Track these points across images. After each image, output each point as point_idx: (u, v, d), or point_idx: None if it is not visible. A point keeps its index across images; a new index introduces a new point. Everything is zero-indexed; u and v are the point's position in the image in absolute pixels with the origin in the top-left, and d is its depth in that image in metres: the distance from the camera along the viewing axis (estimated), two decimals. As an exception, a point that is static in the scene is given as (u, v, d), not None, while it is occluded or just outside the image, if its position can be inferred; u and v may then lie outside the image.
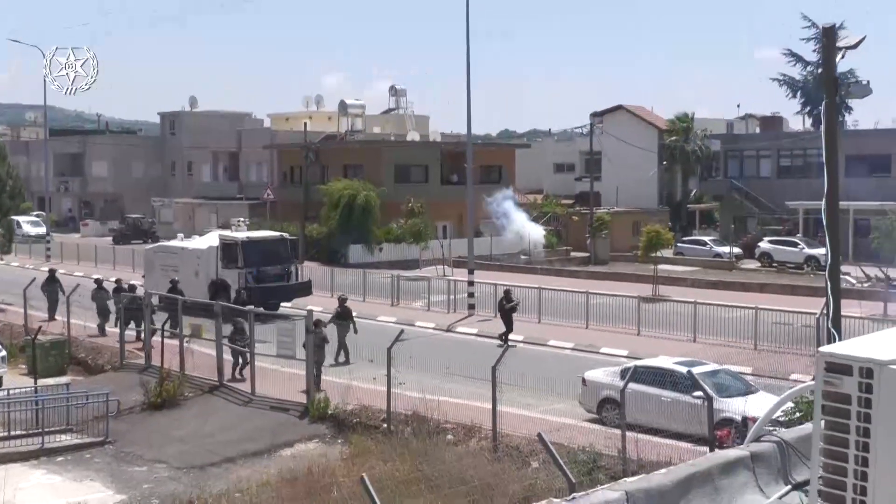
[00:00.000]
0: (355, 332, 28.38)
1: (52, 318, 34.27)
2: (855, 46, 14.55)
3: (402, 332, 23.44)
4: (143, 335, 29.58)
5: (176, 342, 27.34)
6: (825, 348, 4.50)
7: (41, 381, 26.75)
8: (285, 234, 40.38)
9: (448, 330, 34.30)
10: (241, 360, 26.17)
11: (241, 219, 41.97)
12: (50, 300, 35.07)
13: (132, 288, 34.21)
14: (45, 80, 58.56)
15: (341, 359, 27.70)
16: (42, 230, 65.29)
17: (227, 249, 36.47)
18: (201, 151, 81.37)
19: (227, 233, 38.51)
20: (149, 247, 44.30)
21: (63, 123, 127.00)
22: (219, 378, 25.91)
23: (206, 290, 35.45)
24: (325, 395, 23.13)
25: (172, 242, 41.75)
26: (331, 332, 27.14)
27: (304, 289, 37.20)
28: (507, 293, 31.82)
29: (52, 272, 37.31)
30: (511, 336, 30.80)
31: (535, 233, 59.05)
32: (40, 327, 29.60)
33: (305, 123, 68.67)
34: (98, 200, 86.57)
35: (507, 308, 31.12)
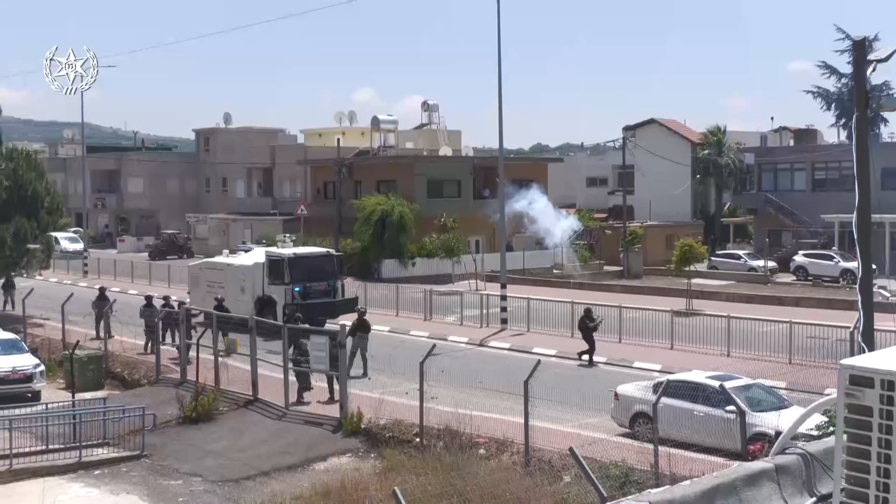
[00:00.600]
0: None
1: (98, 335, 34.43)
2: (886, 59, 14.53)
3: (434, 346, 23.51)
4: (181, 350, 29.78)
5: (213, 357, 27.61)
6: (847, 361, 4.55)
7: (78, 396, 27.08)
8: (331, 251, 40.30)
9: (481, 344, 34.35)
10: (306, 383, 25.70)
11: (287, 234, 41.97)
12: (99, 318, 35.05)
13: (181, 304, 34.42)
14: (82, 98, 59.68)
15: (358, 371, 27.71)
16: (79, 246, 66.09)
17: (274, 265, 36.33)
18: (235, 167, 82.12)
19: (273, 249, 38.36)
20: (193, 263, 44.48)
21: (100, 141, 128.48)
22: (253, 392, 26.14)
23: (252, 307, 35.29)
24: (359, 409, 23.26)
25: (218, 258, 41.86)
26: (349, 344, 27.25)
27: (350, 305, 36.51)
28: (588, 312, 30.90)
29: (102, 290, 37.13)
30: (543, 351, 30.78)
31: (567, 224, 58.06)
32: (78, 342, 29.97)
33: (338, 139, 69.11)
34: (134, 216, 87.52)
35: (589, 327, 30.28)
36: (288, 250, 37.40)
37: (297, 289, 35.47)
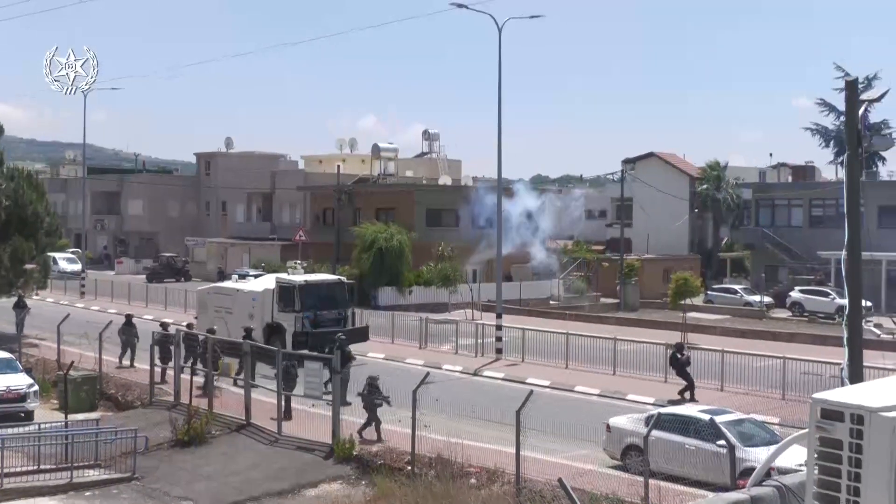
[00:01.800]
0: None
1: (121, 363, 33.81)
2: (878, 99, 14.73)
3: (427, 374, 23.55)
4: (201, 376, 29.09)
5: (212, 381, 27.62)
6: (819, 395, 4.66)
7: (71, 416, 27.09)
8: (343, 278, 39.99)
9: (475, 374, 34.36)
10: (374, 420, 24.06)
11: (299, 261, 41.73)
12: (126, 345, 34.10)
13: (190, 326, 34.26)
14: (84, 120, 59.94)
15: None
16: (77, 267, 66.17)
17: (284, 292, 35.93)
18: (236, 192, 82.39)
19: (283, 275, 38.00)
20: (202, 287, 44.16)
21: (101, 162, 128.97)
22: (246, 416, 26.14)
23: (262, 333, 35.01)
24: (351, 435, 23.27)
25: (227, 284, 41.55)
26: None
27: (361, 334, 36.12)
28: (679, 346, 30.18)
29: (129, 317, 35.66)
30: (537, 381, 30.80)
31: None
32: (72, 362, 29.96)
33: (339, 166, 69.43)
34: (133, 238, 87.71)
35: (681, 362, 29.30)
36: (299, 277, 37.07)
37: (308, 316, 35.14)
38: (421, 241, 56.60)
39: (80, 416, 27.41)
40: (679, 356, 29.24)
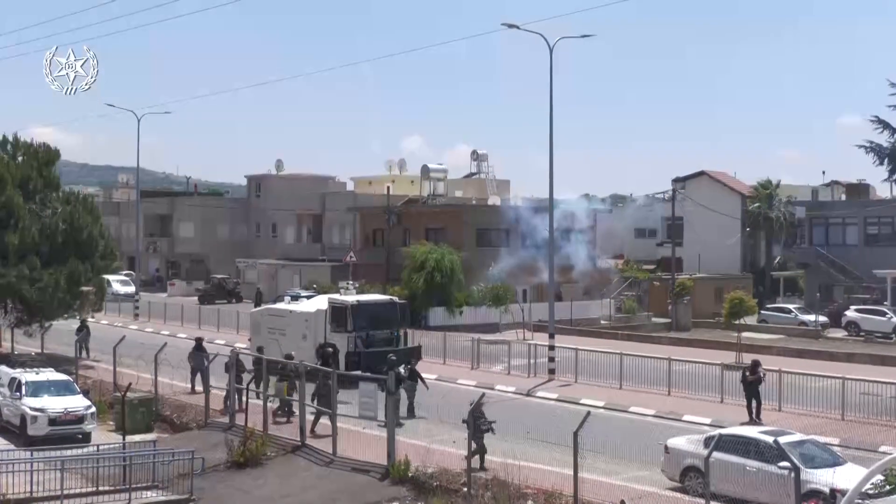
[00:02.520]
0: (426, 387, 29.54)
1: (193, 388, 33.07)
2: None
3: (483, 395, 23.49)
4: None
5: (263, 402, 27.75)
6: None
7: (129, 438, 27.34)
8: (395, 298, 39.96)
9: (528, 394, 34.18)
10: (480, 449, 22.83)
11: (350, 282, 41.79)
12: (196, 369, 33.18)
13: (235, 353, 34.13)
14: (138, 143, 60.72)
15: (405, 415, 27.93)
16: (131, 289, 66.89)
17: (337, 313, 35.95)
18: (286, 213, 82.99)
19: (336, 296, 37.99)
20: (255, 309, 44.31)
21: (152, 185, 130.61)
22: (301, 438, 26.19)
23: (315, 354, 35.02)
24: (406, 456, 23.21)
25: (279, 305, 41.69)
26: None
27: (414, 354, 35.79)
28: (755, 364, 29.00)
29: (199, 341, 34.93)
30: (591, 402, 30.58)
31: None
32: (130, 384, 30.23)
33: (388, 187, 69.69)
34: (184, 261, 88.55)
35: (749, 381, 28.44)
36: (351, 297, 37.01)
37: (361, 336, 35.16)
38: (471, 261, 56.56)
39: (137, 438, 27.64)
40: (749, 375, 28.47)
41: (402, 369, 28.78)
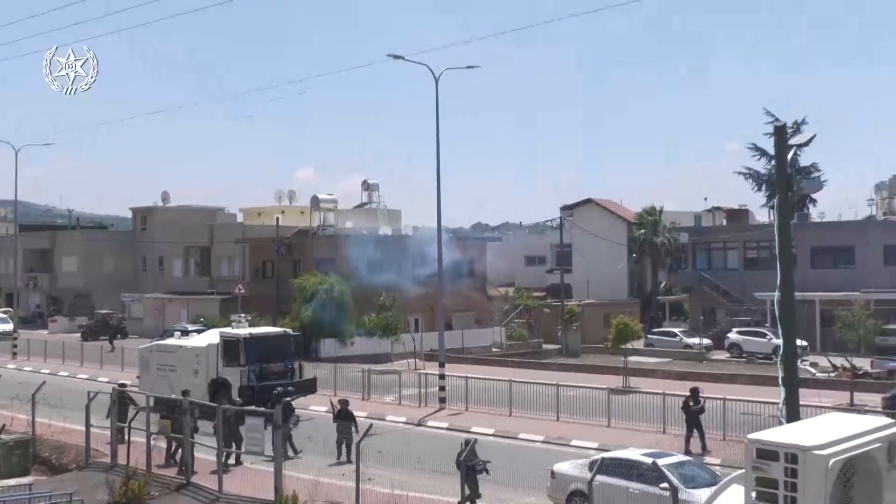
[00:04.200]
0: (356, 431, 27.56)
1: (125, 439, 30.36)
2: (806, 144, 15.07)
3: (371, 426, 23.35)
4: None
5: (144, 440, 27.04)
6: (753, 435, 4.69)
7: (2, 482, 26.32)
8: (288, 330, 39.38)
9: (419, 423, 34.16)
10: (474, 493, 21.15)
11: (243, 315, 41.14)
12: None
13: (122, 385, 33.07)
14: (16, 176, 59.06)
15: (343, 458, 27.17)
16: (9, 327, 64.81)
17: (229, 346, 35.31)
18: (173, 246, 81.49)
19: (227, 329, 37.29)
20: (143, 345, 43.26)
21: (33, 219, 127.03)
22: (186, 476, 25.61)
23: (206, 390, 34.36)
24: (294, 491, 22.89)
25: (169, 341, 40.62)
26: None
27: (308, 387, 35.62)
28: (695, 392, 28.77)
29: (122, 386, 31.99)
30: (481, 430, 30.65)
31: None
32: (3, 426, 29.17)
33: (277, 218, 69.10)
34: (67, 296, 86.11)
35: (692, 410, 28.11)
36: (243, 330, 36.43)
37: (254, 369, 34.57)
38: (362, 291, 56.38)
39: (12, 482, 26.60)
40: (692, 404, 28.21)
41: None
